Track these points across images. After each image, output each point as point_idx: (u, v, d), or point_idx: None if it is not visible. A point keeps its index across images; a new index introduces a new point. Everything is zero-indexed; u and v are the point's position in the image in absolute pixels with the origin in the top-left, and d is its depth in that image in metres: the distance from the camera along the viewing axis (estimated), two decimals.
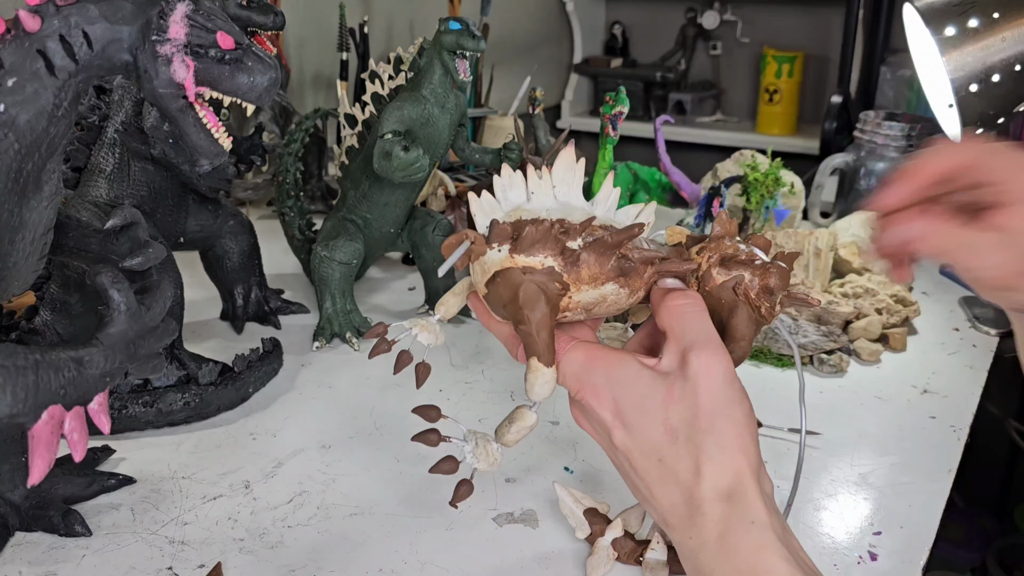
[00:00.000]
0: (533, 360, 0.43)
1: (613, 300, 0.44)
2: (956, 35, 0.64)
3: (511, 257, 0.43)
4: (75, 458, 0.42)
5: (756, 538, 0.39)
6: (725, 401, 0.41)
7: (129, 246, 0.54)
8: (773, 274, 0.45)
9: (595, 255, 0.43)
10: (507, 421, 0.46)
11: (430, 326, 0.48)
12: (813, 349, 0.76)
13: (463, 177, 1.28)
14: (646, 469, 0.41)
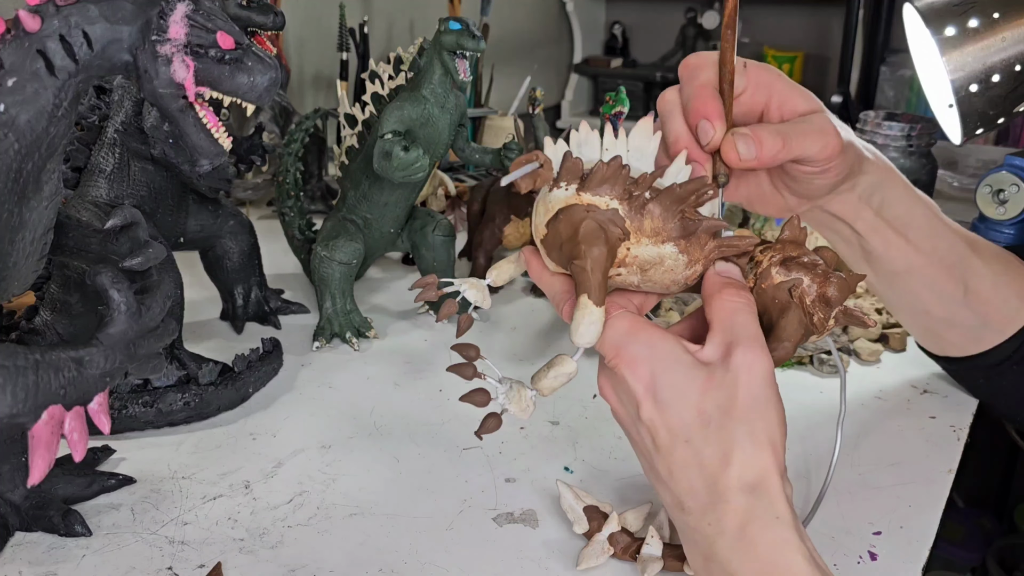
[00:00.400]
0: (583, 298, 0.42)
1: (670, 265, 0.44)
2: (956, 35, 0.64)
3: (577, 195, 0.43)
4: (75, 458, 0.42)
5: (779, 534, 0.39)
6: (763, 400, 0.41)
7: (129, 246, 0.54)
8: (833, 283, 0.44)
9: (661, 207, 0.43)
10: (546, 367, 0.45)
11: (479, 285, 0.48)
12: (813, 349, 0.76)
13: (463, 177, 1.28)
14: (670, 449, 0.41)
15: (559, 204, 0.43)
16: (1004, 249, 0.63)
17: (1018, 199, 0.91)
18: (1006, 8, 0.63)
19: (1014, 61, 0.63)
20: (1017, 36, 0.63)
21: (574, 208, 0.42)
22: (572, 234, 0.42)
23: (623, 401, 0.44)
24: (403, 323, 0.86)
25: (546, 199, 0.44)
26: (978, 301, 0.60)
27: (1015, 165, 0.92)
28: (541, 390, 0.45)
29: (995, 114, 0.65)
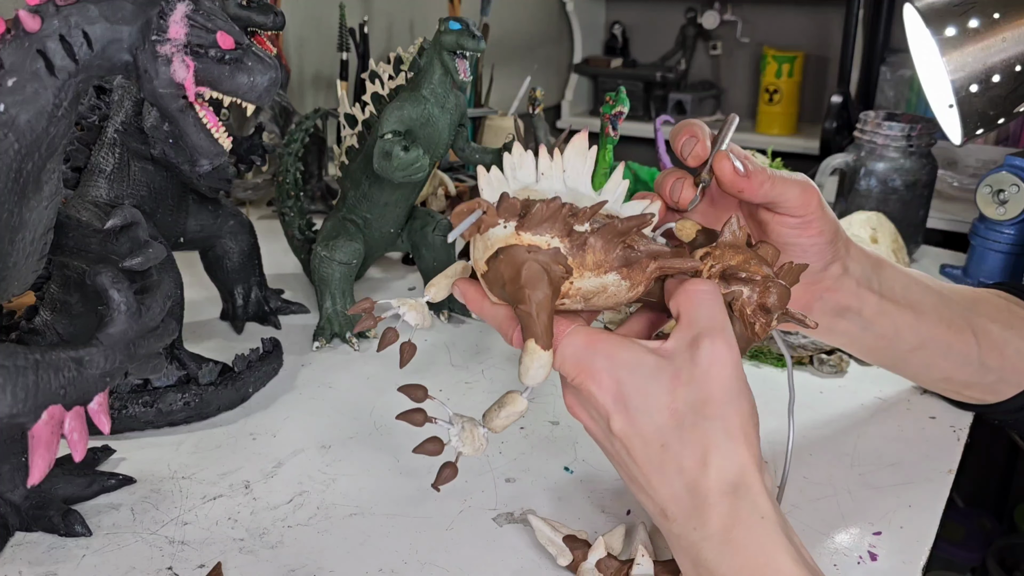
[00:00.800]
0: (530, 342, 0.42)
1: (613, 292, 0.44)
2: (956, 35, 0.64)
3: (517, 234, 0.42)
4: (75, 458, 0.42)
5: (765, 534, 0.39)
6: (735, 392, 0.40)
7: (129, 246, 0.54)
8: (772, 292, 0.44)
9: (602, 241, 0.42)
10: (497, 405, 0.45)
11: (418, 306, 0.47)
12: (813, 349, 0.76)
13: (463, 177, 1.28)
14: (647, 457, 0.41)
15: (499, 243, 0.42)
16: (1003, 295, 0.63)
17: (1018, 199, 0.91)
18: (1006, 8, 0.63)
19: (1014, 61, 0.63)
20: (1017, 36, 0.63)
21: (515, 248, 0.42)
22: (514, 275, 0.41)
23: (593, 416, 0.43)
24: (403, 323, 0.85)
25: (485, 237, 0.43)
26: (993, 357, 0.60)
27: (1015, 165, 0.92)
28: (493, 428, 0.45)
29: (995, 114, 0.65)
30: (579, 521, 0.55)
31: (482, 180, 0.44)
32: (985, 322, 0.60)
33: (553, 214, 0.42)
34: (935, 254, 1.09)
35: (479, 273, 0.44)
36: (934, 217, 1.47)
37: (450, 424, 0.45)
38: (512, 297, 0.42)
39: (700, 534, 0.39)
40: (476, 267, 0.44)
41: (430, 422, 0.45)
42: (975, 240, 0.97)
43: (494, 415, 0.45)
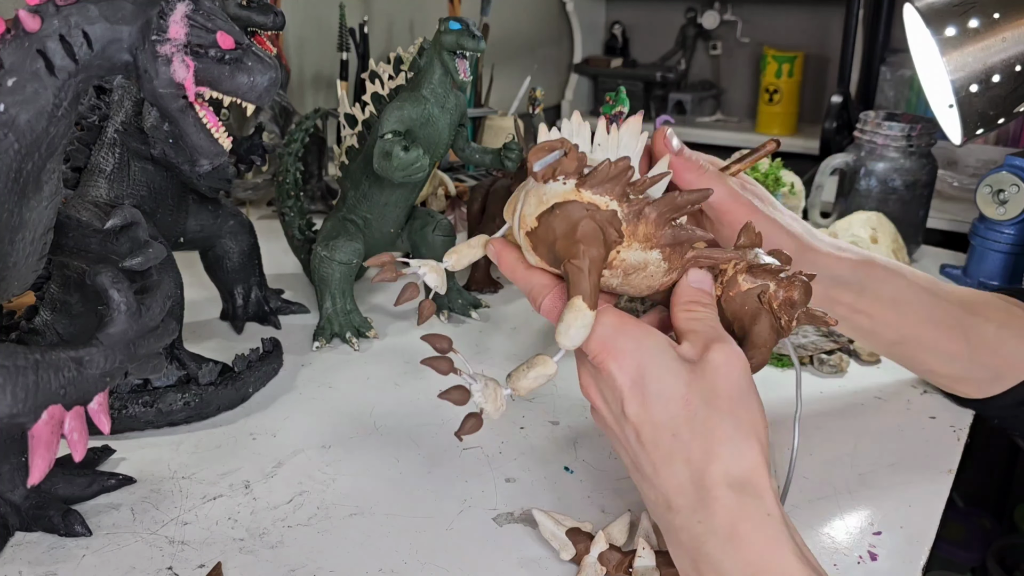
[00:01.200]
0: (577, 299, 0.41)
1: (652, 271, 0.43)
2: (956, 35, 0.64)
3: (577, 190, 0.41)
4: (75, 458, 0.42)
5: (771, 532, 0.39)
6: (746, 392, 0.41)
7: (129, 246, 0.54)
8: (798, 287, 0.45)
9: (657, 212, 0.42)
10: (525, 366, 0.44)
11: (438, 268, 0.47)
12: (813, 349, 0.76)
13: (463, 177, 1.28)
14: (656, 443, 0.41)
15: (556, 198, 0.42)
16: (1005, 297, 0.64)
17: (1018, 199, 0.91)
18: (1006, 8, 0.63)
19: (1014, 61, 0.63)
20: (1017, 36, 0.63)
21: (572, 205, 0.41)
22: (569, 231, 0.41)
23: (607, 398, 0.44)
24: (403, 323, 0.86)
25: (539, 190, 0.42)
26: (986, 355, 0.61)
27: (1015, 165, 0.92)
28: (518, 390, 0.44)
29: (995, 114, 0.65)
30: (579, 521, 0.55)
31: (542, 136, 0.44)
32: (980, 322, 0.60)
33: (618, 175, 0.41)
34: (935, 254, 1.09)
35: (523, 230, 0.43)
36: (934, 217, 1.47)
37: (473, 380, 0.45)
38: (564, 253, 0.41)
39: (705, 527, 0.39)
40: (521, 223, 0.43)
41: (455, 373, 0.45)
42: (975, 240, 0.97)
43: (521, 375, 0.44)
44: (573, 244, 0.41)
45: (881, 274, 0.59)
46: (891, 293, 0.59)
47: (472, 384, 0.45)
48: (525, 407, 0.69)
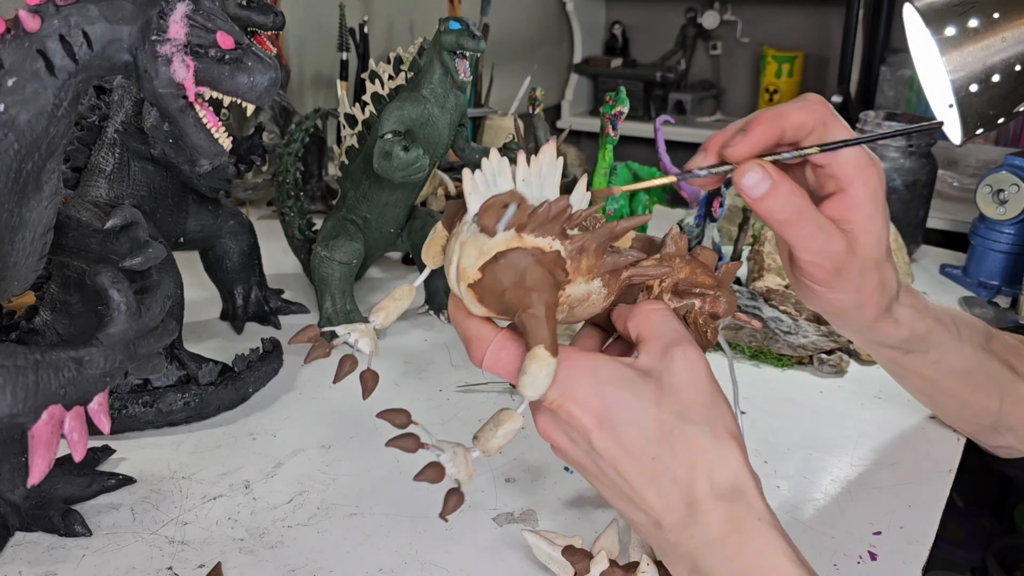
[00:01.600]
0: (539, 348, 0.39)
1: (594, 300, 0.43)
2: (956, 35, 0.64)
3: (519, 236, 0.40)
4: (75, 458, 0.42)
5: (764, 537, 0.38)
6: (712, 393, 0.40)
7: (129, 246, 0.54)
8: (722, 303, 0.45)
9: (597, 243, 0.41)
10: (492, 424, 0.42)
11: (368, 332, 0.46)
12: (813, 349, 0.76)
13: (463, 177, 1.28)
14: (636, 471, 0.40)
15: (497, 247, 0.40)
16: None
17: (1018, 199, 0.92)
18: (1006, 8, 0.63)
19: (1014, 61, 0.63)
20: (1017, 36, 0.63)
21: (516, 252, 0.40)
22: (518, 280, 0.40)
23: (573, 438, 0.42)
24: (403, 323, 0.86)
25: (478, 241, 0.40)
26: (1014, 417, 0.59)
27: (1015, 165, 0.92)
28: (488, 451, 0.42)
29: (995, 114, 0.65)
30: (579, 520, 0.55)
31: (467, 183, 0.43)
32: (1021, 384, 0.58)
33: (558, 215, 0.40)
34: (935, 254, 1.09)
35: (466, 283, 0.41)
36: (934, 217, 1.47)
37: (441, 451, 0.43)
38: (516, 303, 0.40)
39: (699, 540, 0.39)
40: (463, 276, 0.41)
41: (423, 448, 0.43)
42: (975, 240, 0.97)
43: (490, 436, 0.42)
44: (525, 293, 0.40)
45: (936, 339, 0.54)
46: (938, 356, 0.55)
47: (441, 455, 0.43)
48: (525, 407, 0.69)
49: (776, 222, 0.44)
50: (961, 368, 0.56)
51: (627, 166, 1.04)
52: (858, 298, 0.48)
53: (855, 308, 0.49)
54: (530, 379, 0.39)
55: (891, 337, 0.52)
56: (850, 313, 0.49)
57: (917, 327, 0.52)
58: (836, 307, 0.49)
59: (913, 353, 0.54)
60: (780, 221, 0.43)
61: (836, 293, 0.47)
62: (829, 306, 0.49)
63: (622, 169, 1.02)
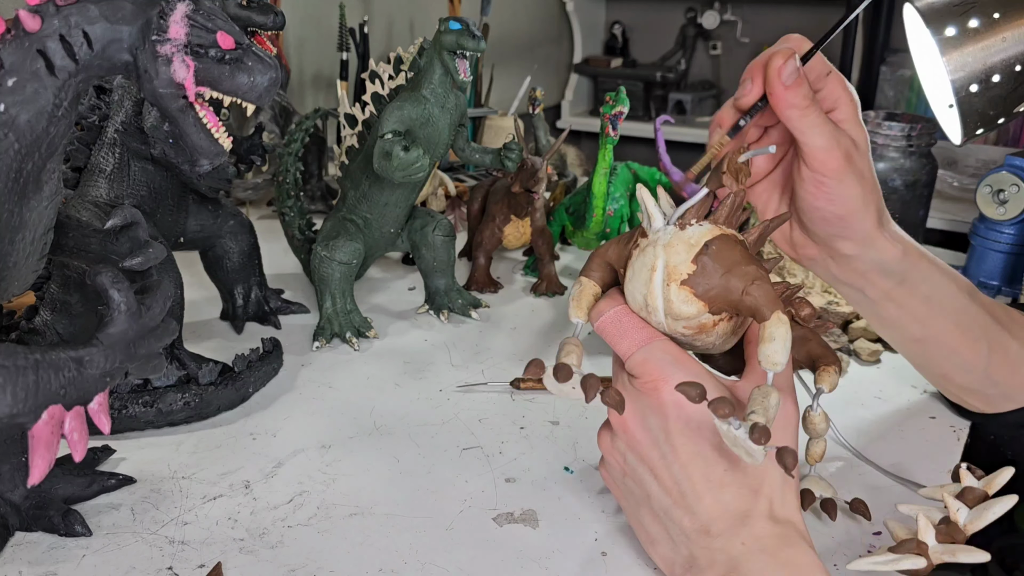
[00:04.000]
0: (780, 314, 0.40)
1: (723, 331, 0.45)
2: (956, 35, 0.64)
3: (716, 226, 0.43)
4: (75, 458, 0.42)
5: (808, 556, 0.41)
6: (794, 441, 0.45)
7: (129, 246, 0.54)
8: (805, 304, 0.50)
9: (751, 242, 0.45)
10: (761, 399, 0.39)
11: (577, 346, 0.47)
12: None
13: (463, 177, 1.28)
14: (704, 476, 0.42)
15: (706, 236, 0.43)
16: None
17: (1018, 199, 0.91)
18: (1006, 8, 0.63)
19: (1014, 61, 0.63)
20: (1017, 36, 0.63)
21: (722, 238, 0.43)
22: (734, 261, 0.42)
23: (649, 425, 0.44)
24: (403, 323, 0.86)
25: (683, 236, 0.43)
26: (1003, 372, 0.60)
27: (1015, 165, 0.92)
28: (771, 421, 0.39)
29: (995, 114, 0.65)
30: (579, 521, 0.55)
31: (649, 199, 0.46)
32: (1006, 337, 0.59)
33: (739, 206, 0.44)
34: (935, 254, 1.09)
35: (679, 279, 0.42)
36: (934, 217, 1.47)
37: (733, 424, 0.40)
38: (739, 281, 0.41)
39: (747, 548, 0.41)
40: (673, 275, 0.42)
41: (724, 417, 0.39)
42: (975, 240, 0.97)
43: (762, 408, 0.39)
44: (744, 271, 0.41)
45: (925, 269, 0.58)
46: (929, 290, 0.58)
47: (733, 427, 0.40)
48: (525, 407, 0.69)
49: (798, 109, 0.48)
50: (949, 306, 0.58)
51: (627, 166, 1.04)
52: (862, 193, 0.51)
53: (863, 206, 0.52)
54: (780, 345, 0.39)
55: (887, 253, 0.55)
56: (857, 214, 0.52)
57: (908, 245, 0.56)
58: (846, 206, 0.51)
59: (906, 283, 0.56)
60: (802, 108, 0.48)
61: (846, 186, 0.50)
62: (840, 205, 0.51)
63: (622, 169, 1.02)
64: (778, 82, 0.48)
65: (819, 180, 0.51)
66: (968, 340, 0.59)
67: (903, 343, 0.63)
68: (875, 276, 0.56)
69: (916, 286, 0.57)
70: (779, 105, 0.48)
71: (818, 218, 0.53)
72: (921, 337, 0.60)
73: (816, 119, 0.49)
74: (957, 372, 0.61)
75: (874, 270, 0.56)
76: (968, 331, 0.58)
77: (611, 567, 0.51)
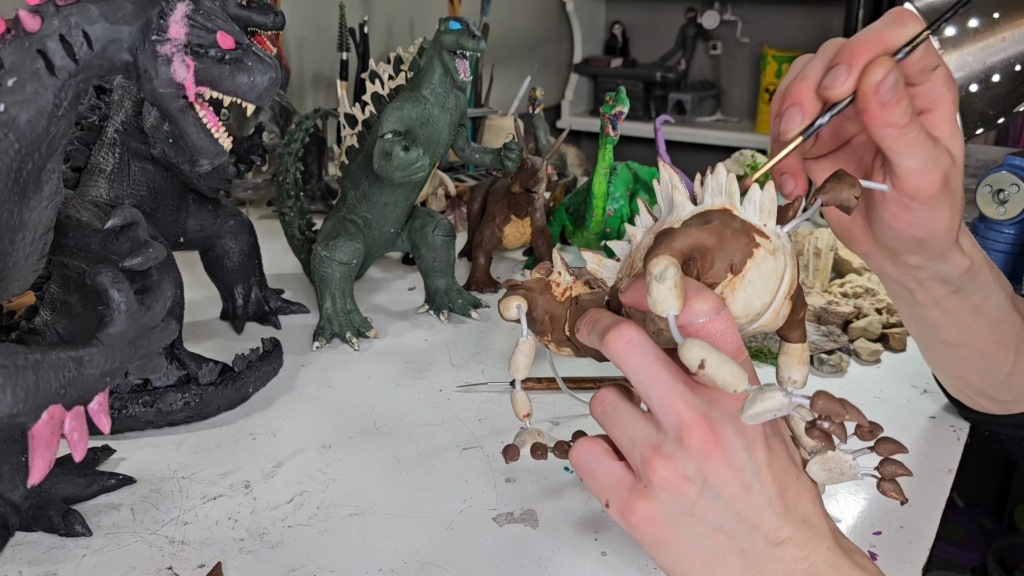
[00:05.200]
0: None
1: None
2: (956, 35, 0.64)
3: None
4: (75, 458, 0.42)
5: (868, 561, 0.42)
6: None
7: (129, 246, 0.54)
8: None
9: None
10: None
11: None
12: (813, 349, 0.76)
13: (463, 177, 1.28)
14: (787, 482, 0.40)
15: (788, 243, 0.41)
16: None
17: (1018, 199, 0.91)
18: (1006, 8, 0.63)
19: (1014, 61, 0.63)
20: (1017, 36, 0.63)
21: None
22: None
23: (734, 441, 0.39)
24: (403, 323, 0.86)
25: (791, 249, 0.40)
26: (1020, 377, 0.58)
27: (1015, 165, 0.92)
28: None
29: (995, 114, 0.65)
30: (579, 521, 0.55)
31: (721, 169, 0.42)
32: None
33: None
34: None
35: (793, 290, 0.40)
36: None
37: None
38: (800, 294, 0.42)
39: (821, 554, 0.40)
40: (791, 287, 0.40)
41: None
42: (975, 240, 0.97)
43: None
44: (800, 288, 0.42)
45: (984, 278, 0.53)
46: (979, 299, 0.54)
47: None
48: None
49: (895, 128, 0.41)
50: (993, 316, 0.55)
51: (627, 166, 1.04)
52: (951, 216, 0.45)
53: (947, 230, 0.46)
54: None
55: (956, 267, 0.50)
56: (939, 237, 0.47)
57: (976, 257, 0.51)
58: (930, 230, 0.46)
59: (960, 293, 0.52)
60: (900, 127, 0.41)
61: (936, 211, 0.45)
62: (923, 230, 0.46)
63: (622, 169, 1.02)
64: (874, 98, 0.40)
65: (906, 203, 0.44)
66: (1000, 348, 0.57)
67: (932, 343, 0.59)
68: (933, 284, 0.52)
69: (969, 296, 0.53)
70: (873, 124, 0.41)
71: (892, 235, 0.47)
72: (956, 342, 0.57)
73: (915, 139, 0.42)
74: (977, 376, 0.60)
75: (934, 279, 0.52)
76: (1002, 340, 0.56)
77: (611, 567, 0.51)
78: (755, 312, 0.39)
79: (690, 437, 0.37)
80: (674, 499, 0.38)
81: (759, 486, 0.39)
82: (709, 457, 0.38)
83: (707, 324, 0.37)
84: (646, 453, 0.39)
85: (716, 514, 0.39)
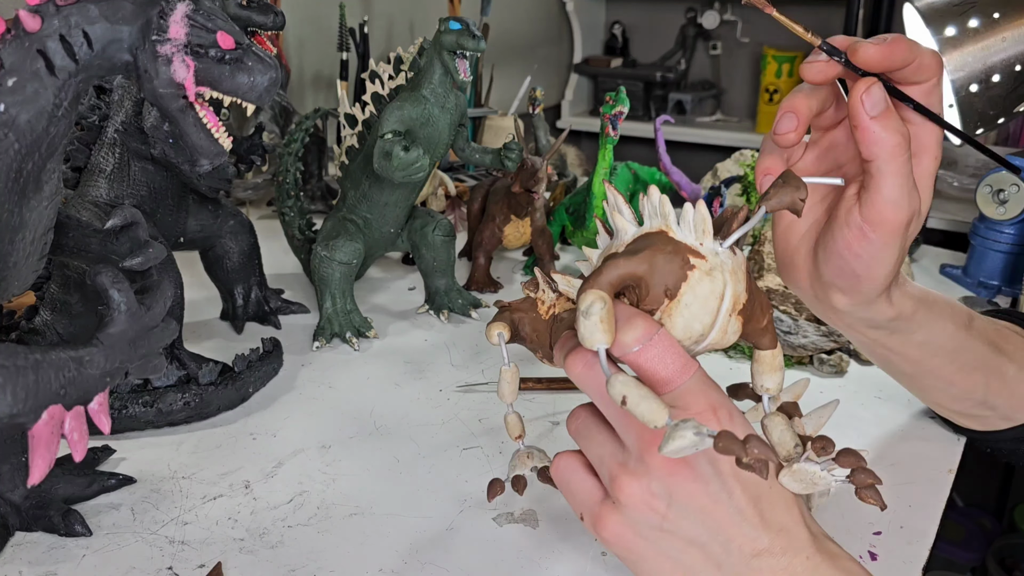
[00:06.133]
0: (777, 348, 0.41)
1: None
2: (956, 35, 0.64)
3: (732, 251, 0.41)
4: (75, 458, 0.42)
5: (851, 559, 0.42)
6: None
7: (129, 246, 0.54)
8: None
9: None
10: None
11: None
12: (813, 349, 0.76)
13: (463, 177, 1.28)
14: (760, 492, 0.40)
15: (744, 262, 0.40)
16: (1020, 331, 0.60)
17: (1018, 199, 0.92)
18: (1006, 8, 0.63)
19: (1014, 61, 0.63)
20: (1017, 36, 0.63)
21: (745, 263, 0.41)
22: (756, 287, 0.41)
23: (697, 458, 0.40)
24: (403, 323, 0.86)
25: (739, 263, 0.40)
26: (1001, 396, 0.58)
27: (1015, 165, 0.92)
28: None
29: (995, 114, 0.65)
30: (579, 521, 0.55)
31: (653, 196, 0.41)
32: (1004, 362, 0.57)
33: None
34: (935, 254, 1.09)
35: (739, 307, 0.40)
36: (934, 217, 1.47)
37: None
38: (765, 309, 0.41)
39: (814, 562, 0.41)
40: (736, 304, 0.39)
41: None
42: (975, 240, 0.97)
43: None
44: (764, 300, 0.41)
45: (921, 318, 0.52)
46: (924, 336, 0.53)
47: None
48: (525, 407, 0.69)
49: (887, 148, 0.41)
50: (947, 347, 0.55)
51: (627, 166, 1.04)
52: (894, 265, 0.46)
53: (883, 278, 0.46)
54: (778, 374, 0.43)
55: (881, 315, 0.50)
56: (875, 281, 0.47)
57: (905, 306, 0.51)
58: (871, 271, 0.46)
59: (898, 334, 0.53)
60: (892, 147, 0.41)
61: (886, 252, 0.45)
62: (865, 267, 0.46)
63: (622, 169, 1.02)
64: (861, 111, 0.41)
65: (866, 232, 0.44)
66: (964, 373, 0.56)
67: (894, 375, 0.60)
68: (862, 327, 0.52)
69: (911, 334, 0.53)
70: (865, 139, 0.41)
71: (835, 266, 0.47)
72: (913, 374, 0.57)
73: (902, 167, 0.42)
74: (952, 400, 0.60)
75: (861, 323, 0.52)
76: (964, 366, 0.56)
77: (611, 567, 0.51)
78: (697, 334, 0.39)
79: (651, 455, 0.38)
80: (642, 515, 0.39)
81: (727, 497, 0.39)
82: (673, 472, 0.38)
83: (642, 351, 0.38)
84: (613, 470, 0.39)
85: (687, 528, 0.39)
